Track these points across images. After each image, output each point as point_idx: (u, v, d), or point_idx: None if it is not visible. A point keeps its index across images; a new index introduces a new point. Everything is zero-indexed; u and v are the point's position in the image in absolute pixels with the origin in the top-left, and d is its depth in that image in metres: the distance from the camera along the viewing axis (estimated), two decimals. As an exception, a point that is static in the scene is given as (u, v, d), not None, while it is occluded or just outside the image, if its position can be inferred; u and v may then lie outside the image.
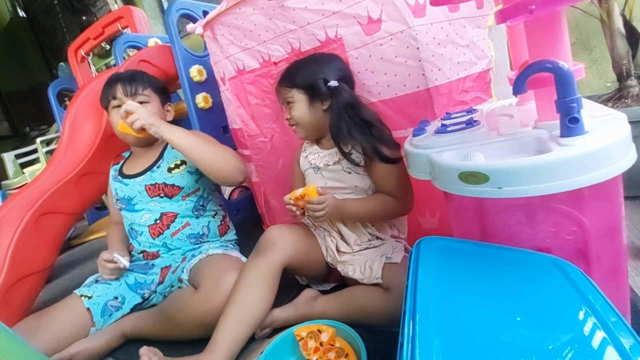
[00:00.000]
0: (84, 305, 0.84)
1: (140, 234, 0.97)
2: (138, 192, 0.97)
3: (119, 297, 0.89)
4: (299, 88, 0.78)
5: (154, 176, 0.97)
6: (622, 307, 0.46)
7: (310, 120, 0.80)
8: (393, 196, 0.77)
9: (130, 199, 0.98)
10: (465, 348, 0.33)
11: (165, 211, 0.97)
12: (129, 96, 0.96)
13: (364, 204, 0.78)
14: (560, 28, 0.42)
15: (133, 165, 1.02)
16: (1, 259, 0.94)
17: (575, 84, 0.39)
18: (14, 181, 2.21)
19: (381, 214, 0.79)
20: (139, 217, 0.97)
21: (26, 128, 4.15)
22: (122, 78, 0.97)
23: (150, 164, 1.00)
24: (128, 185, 0.99)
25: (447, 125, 0.58)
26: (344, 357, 0.59)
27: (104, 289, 0.89)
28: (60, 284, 1.51)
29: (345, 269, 0.76)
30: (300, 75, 0.78)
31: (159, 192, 0.97)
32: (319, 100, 0.78)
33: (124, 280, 0.92)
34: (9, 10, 4.33)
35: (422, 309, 0.38)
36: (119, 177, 1.02)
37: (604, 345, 0.30)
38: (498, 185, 0.41)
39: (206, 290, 0.74)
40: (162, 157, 1.00)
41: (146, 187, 0.97)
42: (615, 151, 0.38)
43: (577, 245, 0.45)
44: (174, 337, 0.80)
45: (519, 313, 0.36)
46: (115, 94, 0.96)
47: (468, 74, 0.83)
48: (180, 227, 0.97)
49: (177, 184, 0.97)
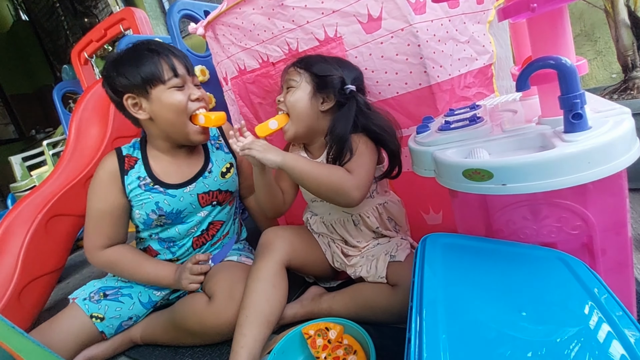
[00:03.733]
0: (96, 329, 0.80)
1: (180, 246, 0.89)
2: (189, 203, 0.85)
3: (133, 317, 0.85)
4: (311, 75, 0.74)
5: (207, 183, 0.87)
6: (628, 300, 0.47)
7: (302, 109, 0.74)
8: (349, 171, 0.70)
9: (179, 212, 0.84)
10: (471, 342, 0.34)
11: (214, 220, 0.90)
12: (191, 75, 0.81)
13: (316, 165, 0.70)
14: (563, 24, 0.42)
15: (172, 172, 0.85)
16: (14, 261, 0.96)
17: (579, 80, 0.39)
18: (22, 184, 2.24)
19: (326, 174, 0.68)
20: (185, 229, 0.87)
21: (32, 131, 4.19)
22: (174, 50, 0.79)
23: (198, 169, 0.87)
24: (176, 197, 0.83)
25: (451, 122, 0.58)
26: (352, 354, 0.59)
27: (115, 310, 0.82)
28: (71, 283, 1.54)
29: (355, 272, 0.77)
30: (320, 65, 0.75)
31: (212, 199, 0.88)
32: (323, 96, 0.75)
33: (137, 298, 0.86)
34: (12, 13, 4.36)
35: (429, 305, 0.39)
36: (157, 188, 0.82)
37: (609, 339, 0.31)
38: (502, 182, 0.41)
39: (221, 301, 0.73)
40: (210, 161, 0.90)
41: (199, 196, 0.86)
42: (619, 146, 0.38)
43: (582, 240, 0.45)
44: (187, 344, 0.80)
45: (525, 308, 0.36)
46: (177, 70, 0.77)
47: (469, 69, 0.82)
48: (221, 236, 0.93)
49: (230, 189, 0.91)
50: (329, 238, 0.84)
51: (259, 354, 0.64)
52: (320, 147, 0.79)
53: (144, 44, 0.79)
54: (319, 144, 0.79)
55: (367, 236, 0.81)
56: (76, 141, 1.22)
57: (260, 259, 0.74)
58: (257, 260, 0.74)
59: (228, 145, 0.95)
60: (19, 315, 0.93)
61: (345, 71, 0.75)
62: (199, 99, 0.80)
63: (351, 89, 0.73)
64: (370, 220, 0.79)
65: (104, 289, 0.85)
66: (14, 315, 0.90)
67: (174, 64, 0.77)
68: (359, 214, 0.80)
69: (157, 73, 0.75)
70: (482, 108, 0.64)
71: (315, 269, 0.84)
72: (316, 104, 0.75)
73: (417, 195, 0.88)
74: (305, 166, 0.67)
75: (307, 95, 0.74)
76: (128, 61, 0.77)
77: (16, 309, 0.93)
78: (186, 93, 0.79)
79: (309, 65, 0.75)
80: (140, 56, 0.77)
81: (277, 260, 0.73)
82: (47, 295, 1.06)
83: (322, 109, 0.75)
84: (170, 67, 0.77)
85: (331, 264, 0.84)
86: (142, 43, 0.80)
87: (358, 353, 0.59)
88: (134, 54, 0.78)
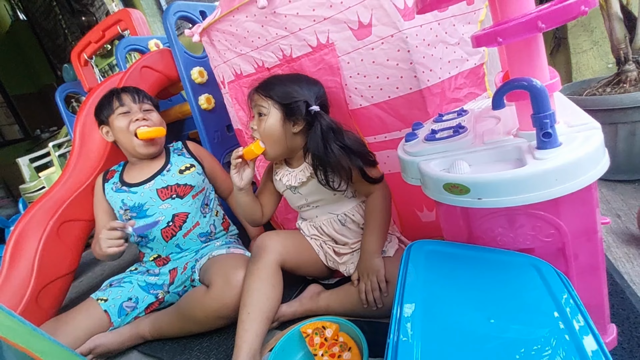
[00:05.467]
0: (101, 308, 0.91)
1: (153, 240, 1.02)
2: (149, 197, 1.02)
3: (132, 298, 0.96)
4: (277, 103, 0.77)
5: (165, 179, 1.04)
6: (599, 300, 0.50)
7: (278, 137, 0.78)
8: (372, 192, 0.81)
9: (141, 205, 1.02)
10: (441, 338, 0.38)
11: (177, 212, 1.02)
12: (137, 103, 1.04)
13: (375, 233, 0.79)
14: (536, 47, 0.43)
15: (136, 175, 1.07)
16: (30, 265, 1.02)
17: (549, 100, 0.41)
18: (31, 185, 2.31)
19: (386, 218, 0.81)
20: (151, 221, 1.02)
21: (37, 130, 4.25)
22: (126, 88, 1.05)
23: (157, 169, 1.06)
24: (137, 193, 1.03)
25: (437, 131, 0.61)
26: (347, 351, 0.64)
27: (118, 292, 0.96)
28: (84, 282, 1.60)
29: (347, 269, 0.81)
30: (282, 91, 0.77)
31: (171, 193, 1.03)
32: (292, 120, 0.78)
33: (136, 282, 0.99)
34: (9, 13, 4.36)
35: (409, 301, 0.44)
36: (123, 188, 1.05)
37: (567, 348, 0.34)
38: (478, 197, 0.44)
39: (219, 287, 0.80)
40: (169, 162, 1.08)
41: (157, 190, 1.02)
42: (587, 162, 0.41)
43: (557, 245, 0.48)
44: (192, 332, 0.87)
45: (492, 311, 0.40)
46: (122, 101, 1.03)
47: (460, 71, 0.84)
48: (191, 227, 1.03)
49: (189, 183, 1.05)
50: (320, 240, 0.89)
51: (260, 347, 0.70)
52: (298, 158, 0.85)
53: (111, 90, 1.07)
54: (297, 156, 0.84)
55: (356, 233, 0.86)
56: (81, 146, 1.25)
57: (257, 259, 0.78)
58: (254, 262, 0.79)
59: (192, 156, 1.13)
60: (37, 316, 0.98)
61: (307, 91, 0.78)
62: (139, 119, 1.03)
63: (315, 110, 0.76)
64: (356, 218, 0.84)
65: (110, 281, 1.01)
66: (33, 316, 0.96)
67: (121, 96, 1.03)
68: (343, 213, 0.84)
69: (110, 105, 1.03)
70: (468, 114, 0.66)
71: (310, 269, 0.88)
72: (289, 128, 0.79)
73: (411, 194, 0.90)
74: (379, 242, 0.79)
75: (278, 122, 0.78)
76: (99, 103, 1.07)
77: (35, 311, 0.99)
78: (130, 116, 1.02)
79: (272, 92, 0.77)
80: (103, 97, 1.07)
81: (273, 260, 0.78)
82: (63, 296, 1.12)
83: (294, 131, 0.79)
84: (118, 99, 1.03)
85: (325, 264, 0.88)
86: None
87: (352, 349, 0.64)
88: (101, 99, 1.08)
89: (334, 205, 0.86)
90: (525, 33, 0.40)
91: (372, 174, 0.78)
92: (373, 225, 0.80)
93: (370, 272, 0.74)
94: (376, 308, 0.73)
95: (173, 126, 1.64)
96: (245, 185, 0.81)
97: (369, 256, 0.77)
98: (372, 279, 0.73)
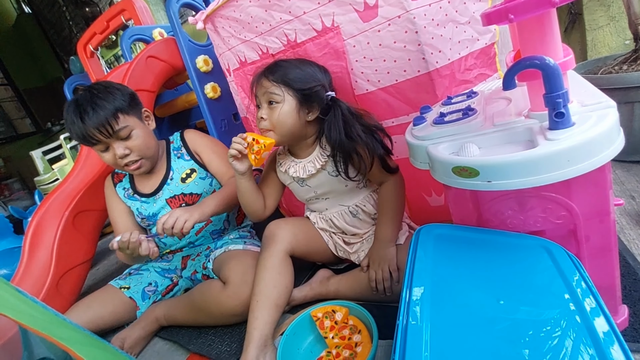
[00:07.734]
0: (125, 296, 0.96)
1: (166, 237, 1.01)
2: (161, 207, 1.03)
3: (152, 283, 1.02)
4: (292, 89, 0.72)
5: (171, 189, 1.03)
6: (611, 282, 0.49)
7: (291, 127, 0.74)
8: (386, 180, 0.79)
9: (155, 215, 1.03)
10: (450, 319, 0.39)
11: None
12: (111, 137, 0.88)
13: (390, 222, 0.78)
14: (550, 24, 0.42)
15: (144, 183, 1.04)
16: (48, 255, 1.06)
17: (562, 79, 0.40)
18: (45, 177, 2.36)
19: (401, 207, 0.80)
20: None
21: (48, 123, 4.32)
22: (89, 123, 0.85)
23: (161, 178, 1.04)
24: (149, 204, 1.03)
25: (445, 114, 0.60)
26: (357, 333, 0.65)
27: (138, 279, 1.01)
28: (100, 269, 1.65)
29: (358, 257, 0.82)
30: (298, 76, 0.72)
31: (180, 202, 1.03)
32: (308, 108, 0.74)
33: (152, 269, 1.05)
34: (14, 7, 4.37)
35: (418, 284, 0.44)
36: (136, 197, 1.03)
37: (577, 329, 0.34)
38: (487, 179, 0.44)
39: (235, 286, 0.81)
40: (170, 169, 1.05)
41: (167, 200, 1.03)
42: (601, 143, 0.40)
43: (568, 227, 0.48)
44: (205, 324, 0.89)
45: (502, 293, 0.40)
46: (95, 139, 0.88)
47: (470, 51, 0.82)
48: (203, 225, 1.05)
49: (194, 191, 1.03)
50: (330, 232, 0.89)
51: (271, 333, 0.71)
52: (305, 148, 0.81)
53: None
54: (304, 145, 0.81)
55: (367, 224, 0.85)
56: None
57: (266, 249, 0.79)
58: (263, 251, 0.80)
59: (192, 156, 1.07)
60: (58, 302, 1.03)
61: (322, 76, 0.75)
62: (122, 156, 0.90)
63: (332, 95, 0.74)
64: (367, 208, 0.83)
65: (129, 270, 1.06)
66: (54, 302, 1.01)
67: (90, 135, 0.87)
68: (355, 205, 0.84)
69: (87, 143, 0.90)
70: (478, 96, 0.65)
71: (319, 256, 0.89)
72: (303, 116, 0.75)
73: (419, 178, 0.90)
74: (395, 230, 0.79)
75: (293, 110, 0.73)
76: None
77: (56, 297, 1.03)
78: (112, 152, 0.91)
79: (286, 77, 0.72)
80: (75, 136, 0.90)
81: (281, 249, 0.78)
82: (82, 283, 1.16)
83: (309, 119, 0.76)
84: (87, 140, 0.88)
85: (335, 254, 0.89)
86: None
87: (362, 332, 0.65)
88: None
89: (345, 197, 0.84)
90: (538, 8, 0.38)
91: (392, 164, 0.77)
92: (389, 215, 0.78)
93: (382, 261, 0.74)
94: (385, 295, 0.74)
95: (180, 116, 1.64)
96: (247, 170, 0.77)
97: (382, 245, 0.77)
98: (383, 268, 0.74)
